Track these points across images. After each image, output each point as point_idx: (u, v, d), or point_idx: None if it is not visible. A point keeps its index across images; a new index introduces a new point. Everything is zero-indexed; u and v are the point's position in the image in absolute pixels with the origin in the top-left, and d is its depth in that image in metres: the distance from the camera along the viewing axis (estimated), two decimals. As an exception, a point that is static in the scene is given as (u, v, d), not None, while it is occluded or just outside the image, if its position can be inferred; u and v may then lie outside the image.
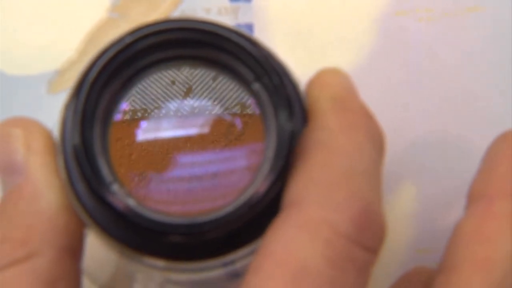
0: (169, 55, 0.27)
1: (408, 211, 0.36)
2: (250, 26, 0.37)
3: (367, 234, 0.25)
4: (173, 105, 0.27)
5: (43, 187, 0.26)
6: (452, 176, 0.36)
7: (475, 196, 0.28)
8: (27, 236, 0.26)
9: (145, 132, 0.27)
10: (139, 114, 0.27)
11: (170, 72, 0.27)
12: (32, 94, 0.37)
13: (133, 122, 0.27)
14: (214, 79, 0.27)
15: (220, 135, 0.27)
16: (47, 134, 0.27)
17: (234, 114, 0.27)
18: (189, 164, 0.27)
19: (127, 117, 0.27)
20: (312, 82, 0.28)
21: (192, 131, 0.27)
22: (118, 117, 0.27)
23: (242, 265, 0.27)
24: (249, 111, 0.27)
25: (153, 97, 0.27)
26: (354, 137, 0.26)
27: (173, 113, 0.27)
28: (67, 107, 0.27)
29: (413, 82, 0.37)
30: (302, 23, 0.37)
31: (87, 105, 0.26)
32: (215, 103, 0.27)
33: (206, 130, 0.27)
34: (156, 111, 0.27)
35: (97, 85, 0.26)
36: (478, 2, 0.37)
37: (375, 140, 0.27)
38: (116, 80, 0.27)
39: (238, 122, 0.27)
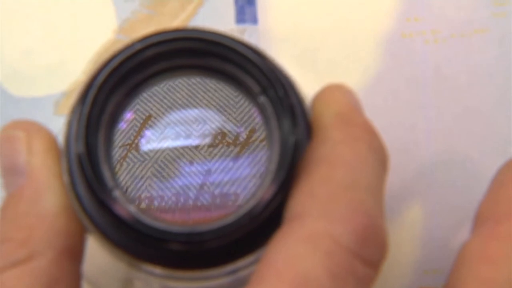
0: (176, 64, 0.27)
1: (415, 231, 0.36)
2: (256, 48, 0.38)
3: (368, 248, 0.25)
4: (177, 114, 0.27)
5: (44, 188, 0.26)
6: (459, 196, 0.36)
7: (482, 217, 0.28)
8: (27, 237, 0.26)
9: (150, 141, 0.27)
10: (144, 123, 0.27)
11: (175, 81, 0.27)
12: (38, 116, 0.37)
13: (138, 130, 0.27)
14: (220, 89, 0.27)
15: (224, 144, 0.27)
16: (50, 136, 0.27)
17: (239, 124, 0.27)
18: (192, 173, 0.27)
19: (132, 125, 0.27)
20: (317, 98, 0.28)
21: (196, 140, 0.27)
22: (122, 125, 0.27)
23: (245, 274, 0.26)
24: (253, 121, 0.27)
25: (158, 105, 0.27)
26: (357, 150, 0.26)
27: (177, 122, 0.27)
28: (73, 110, 0.27)
29: (420, 102, 0.37)
30: (308, 45, 0.38)
31: (93, 110, 0.26)
32: (220, 112, 0.27)
33: (210, 139, 0.27)
34: (160, 119, 0.27)
35: (104, 90, 0.26)
36: (484, 24, 0.37)
37: (379, 155, 0.27)
38: (123, 87, 0.27)
39: (242, 132, 0.27)
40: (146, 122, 0.27)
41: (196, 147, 0.27)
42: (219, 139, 0.27)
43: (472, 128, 0.37)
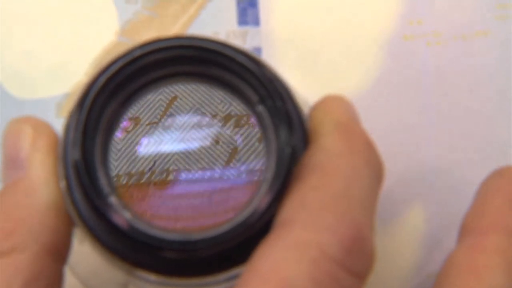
0: (175, 71, 0.27)
1: (417, 235, 0.36)
2: (258, 50, 0.38)
3: (354, 259, 0.25)
4: (174, 121, 0.27)
5: (39, 184, 0.27)
6: (460, 200, 0.36)
7: (468, 228, 0.28)
8: (13, 228, 0.26)
9: (146, 148, 0.27)
10: (140, 130, 0.27)
11: (173, 88, 0.27)
12: (41, 118, 0.37)
13: (164, 110, 0.27)
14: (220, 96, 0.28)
15: (221, 152, 0.27)
16: (54, 136, 0.28)
17: (236, 132, 0.27)
18: (189, 181, 0.27)
19: (159, 105, 0.27)
20: (316, 107, 0.28)
21: (193, 147, 0.27)
22: (119, 134, 0.27)
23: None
24: (251, 130, 0.27)
25: (154, 112, 0.27)
26: (352, 161, 0.26)
27: (174, 130, 0.27)
28: (71, 115, 0.27)
29: (421, 105, 0.37)
30: (310, 47, 0.38)
31: (90, 116, 0.26)
32: (217, 120, 0.27)
33: (207, 147, 0.27)
34: (157, 127, 0.27)
35: (102, 96, 0.26)
36: (486, 27, 0.37)
37: (374, 168, 0.27)
38: (121, 93, 0.27)
39: (240, 141, 0.27)
40: (172, 102, 0.27)
41: (222, 127, 0.27)
42: (245, 120, 0.27)
43: (473, 130, 0.37)
